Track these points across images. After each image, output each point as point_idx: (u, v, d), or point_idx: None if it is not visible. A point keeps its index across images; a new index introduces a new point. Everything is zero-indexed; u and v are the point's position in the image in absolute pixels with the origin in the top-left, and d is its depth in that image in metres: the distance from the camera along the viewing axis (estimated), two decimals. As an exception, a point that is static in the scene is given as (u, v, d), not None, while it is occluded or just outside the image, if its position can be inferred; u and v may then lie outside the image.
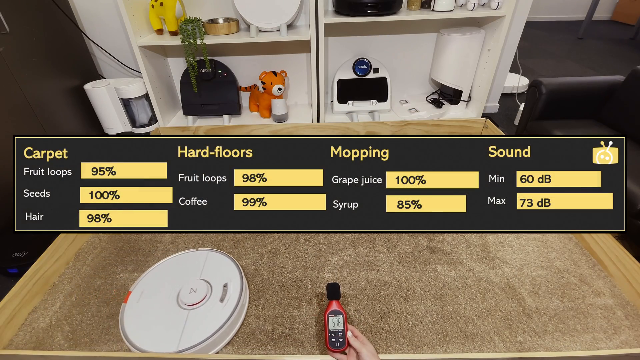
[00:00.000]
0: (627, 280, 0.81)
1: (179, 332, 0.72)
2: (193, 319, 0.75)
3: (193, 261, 0.88)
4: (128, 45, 1.87)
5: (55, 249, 0.92)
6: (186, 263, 0.88)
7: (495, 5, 1.52)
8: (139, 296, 0.80)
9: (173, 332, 0.72)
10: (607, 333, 0.74)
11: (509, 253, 0.94)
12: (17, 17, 1.39)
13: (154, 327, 0.74)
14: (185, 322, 0.74)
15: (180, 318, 0.75)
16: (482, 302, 0.81)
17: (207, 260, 0.88)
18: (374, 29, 1.81)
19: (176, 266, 0.87)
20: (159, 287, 0.82)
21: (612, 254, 0.86)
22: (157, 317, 0.76)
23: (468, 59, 1.69)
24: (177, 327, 0.73)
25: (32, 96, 1.45)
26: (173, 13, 1.54)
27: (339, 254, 0.95)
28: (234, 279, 0.82)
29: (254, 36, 1.56)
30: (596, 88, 1.52)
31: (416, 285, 0.86)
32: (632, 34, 3.91)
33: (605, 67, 3.07)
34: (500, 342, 0.73)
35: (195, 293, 0.78)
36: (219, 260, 0.88)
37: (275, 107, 1.76)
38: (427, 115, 1.78)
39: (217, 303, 0.77)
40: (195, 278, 0.83)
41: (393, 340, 0.74)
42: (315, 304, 0.82)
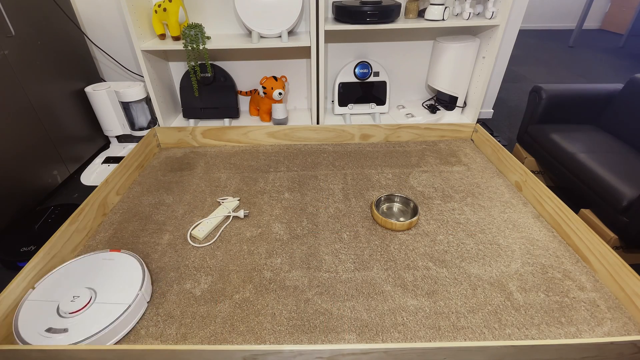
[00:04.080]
0: (609, 275, 0.86)
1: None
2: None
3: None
4: (130, 49, 1.90)
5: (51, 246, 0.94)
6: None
7: (490, 14, 1.58)
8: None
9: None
10: (591, 325, 0.78)
11: (497, 251, 0.98)
12: (22, 21, 1.42)
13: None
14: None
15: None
16: (473, 297, 0.85)
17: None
18: (373, 36, 1.86)
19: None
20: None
21: (596, 250, 0.90)
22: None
23: (463, 66, 1.75)
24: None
25: (35, 98, 1.48)
26: (176, 18, 1.58)
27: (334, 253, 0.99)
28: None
29: (255, 42, 1.60)
30: (595, 95, 1.58)
31: (409, 282, 0.89)
32: (621, 42, 4.01)
33: (596, 75, 3.15)
34: (490, 334, 0.77)
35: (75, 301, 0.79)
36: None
37: (275, 111, 1.80)
38: (423, 120, 1.83)
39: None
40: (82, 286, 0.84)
41: (388, 335, 0.78)
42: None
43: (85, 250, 1.02)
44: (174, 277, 0.92)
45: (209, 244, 1.03)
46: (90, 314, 0.78)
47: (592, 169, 1.29)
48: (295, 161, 1.43)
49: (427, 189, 1.25)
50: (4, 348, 0.69)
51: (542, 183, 1.12)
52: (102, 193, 1.14)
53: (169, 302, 0.86)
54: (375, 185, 1.27)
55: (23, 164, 1.42)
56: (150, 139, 1.49)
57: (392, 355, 0.69)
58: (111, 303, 0.80)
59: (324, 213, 1.14)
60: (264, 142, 1.55)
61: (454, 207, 1.16)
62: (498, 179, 1.29)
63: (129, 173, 1.30)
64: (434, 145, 1.53)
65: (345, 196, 1.22)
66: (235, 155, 1.48)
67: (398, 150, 1.49)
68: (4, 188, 1.34)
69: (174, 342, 0.77)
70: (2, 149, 1.33)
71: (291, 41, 1.61)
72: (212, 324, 0.81)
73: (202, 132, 1.52)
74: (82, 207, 1.05)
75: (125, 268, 0.89)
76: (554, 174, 1.48)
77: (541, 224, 1.08)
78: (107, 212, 1.16)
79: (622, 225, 1.15)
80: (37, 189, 1.50)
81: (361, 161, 1.42)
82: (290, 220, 1.11)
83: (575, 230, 0.97)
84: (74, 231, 1.00)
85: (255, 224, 1.10)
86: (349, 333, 0.78)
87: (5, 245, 1.25)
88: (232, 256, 0.99)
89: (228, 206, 1.15)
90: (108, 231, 1.08)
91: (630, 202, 1.13)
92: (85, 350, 0.68)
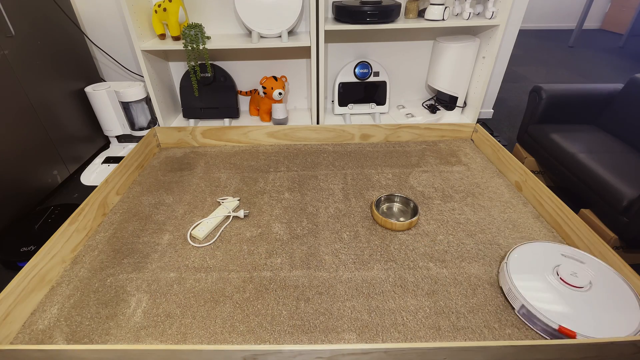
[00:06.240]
0: (609, 277, 0.86)
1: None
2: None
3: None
4: (130, 49, 1.91)
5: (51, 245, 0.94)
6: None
7: (490, 14, 1.58)
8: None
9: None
10: (591, 326, 0.78)
11: (497, 251, 0.98)
12: (22, 21, 1.42)
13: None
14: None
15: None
16: (473, 297, 0.85)
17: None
18: (373, 36, 1.86)
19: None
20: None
21: (596, 250, 0.90)
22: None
23: (463, 66, 1.75)
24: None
25: (35, 98, 1.48)
26: (176, 18, 1.58)
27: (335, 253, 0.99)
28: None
29: (255, 42, 1.60)
30: (595, 95, 1.58)
31: (409, 282, 0.89)
32: (621, 42, 4.01)
33: (596, 75, 3.15)
34: (490, 334, 0.77)
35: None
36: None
37: (275, 111, 1.80)
38: (423, 120, 1.83)
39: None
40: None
41: (388, 335, 0.78)
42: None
43: (85, 249, 1.02)
44: (174, 277, 0.92)
45: (209, 244, 1.03)
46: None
47: (592, 169, 1.29)
48: (295, 161, 1.43)
49: (427, 189, 1.25)
50: (4, 348, 0.69)
51: (542, 183, 1.12)
52: (102, 193, 1.14)
53: (169, 302, 0.86)
54: (375, 185, 1.27)
55: (23, 163, 1.42)
56: (150, 139, 1.49)
57: (392, 355, 0.69)
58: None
59: (324, 213, 1.14)
60: (264, 142, 1.55)
61: (454, 207, 1.16)
62: (498, 179, 1.29)
63: (129, 173, 1.30)
64: (434, 145, 1.53)
65: (345, 196, 1.22)
66: (235, 155, 1.48)
67: (398, 150, 1.49)
68: (4, 188, 1.34)
69: (174, 342, 0.77)
70: (2, 149, 1.33)
71: (291, 41, 1.61)
72: (212, 324, 0.81)
73: (202, 132, 1.52)
74: (82, 207, 1.05)
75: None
76: (554, 174, 1.48)
77: (541, 224, 1.08)
78: (107, 212, 1.16)
79: (622, 225, 1.15)
80: (37, 189, 1.50)
81: (361, 161, 1.42)
82: (290, 220, 1.11)
83: (575, 230, 0.97)
84: (74, 231, 1.00)
85: (255, 224, 1.10)
86: (349, 333, 0.78)
87: (5, 245, 1.26)
88: (232, 256, 0.99)
89: (228, 206, 1.15)
90: (108, 231, 1.08)
91: (630, 202, 1.13)
92: (86, 350, 0.68)
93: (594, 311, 0.74)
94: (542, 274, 0.83)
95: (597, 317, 0.73)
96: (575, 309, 0.75)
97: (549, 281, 0.81)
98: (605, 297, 0.77)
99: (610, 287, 0.79)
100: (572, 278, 0.80)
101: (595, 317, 0.73)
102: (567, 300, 0.76)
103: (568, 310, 0.74)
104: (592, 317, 0.73)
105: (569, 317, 0.73)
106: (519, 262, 0.86)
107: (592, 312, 0.74)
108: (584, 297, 0.77)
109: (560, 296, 0.77)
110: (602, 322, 0.72)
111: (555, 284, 0.80)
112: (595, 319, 0.73)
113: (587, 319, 0.73)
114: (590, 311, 0.74)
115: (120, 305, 0.85)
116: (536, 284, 0.80)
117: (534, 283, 0.80)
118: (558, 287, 0.79)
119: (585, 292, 0.78)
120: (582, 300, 0.76)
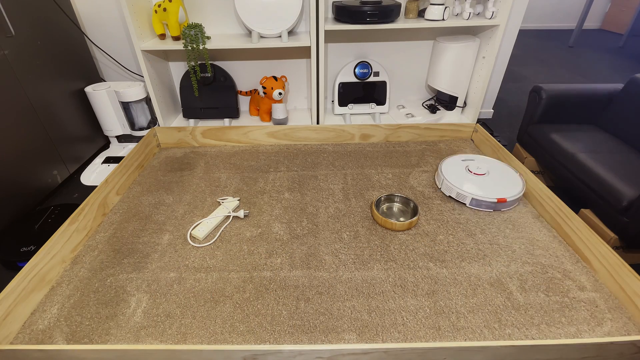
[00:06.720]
0: (609, 275, 0.86)
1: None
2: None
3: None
4: (130, 49, 1.91)
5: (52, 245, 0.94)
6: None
7: (490, 14, 1.58)
8: None
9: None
10: (591, 325, 0.78)
11: (497, 251, 0.98)
12: (22, 21, 1.42)
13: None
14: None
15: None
16: (473, 297, 0.85)
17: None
18: (373, 36, 1.86)
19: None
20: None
21: (596, 250, 0.90)
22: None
23: (463, 66, 1.75)
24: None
25: (35, 98, 1.48)
26: (176, 18, 1.58)
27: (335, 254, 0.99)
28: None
29: (255, 42, 1.60)
30: (595, 95, 1.58)
31: (409, 282, 0.89)
32: (621, 42, 4.01)
33: (596, 75, 3.15)
34: (490, 334, 0.77)
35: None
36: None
37: (275, 111, 1.80)
38: (423, 120, 1.83)
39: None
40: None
41: (388, 335, 0.78)
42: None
43: (85, 250, 1.02)
44: (174, 277, 0.92)
45: (209, 244, 1.03)
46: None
47: (592, 169, 1.29)
48: (295, 161, 1.43)
49: (427, 189, 1.25)
50: (4, 348, 0.69)
51: (542, 183, 1.12)
52: (102, 193, 1.14)
53: (169, 302, 0.86)
54: (375, 185, 1.27)
55: (23, 164, 1.42)
56: (150, 139, 1.49)
57: (392, 355, 0.69)
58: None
59: (324, 213, 1.14)
60: (264, 142, 1.55)
61: (454, 207, 1.16)
62: (498, 179, 1.30)
63: (128, 173, 1.30)
64: (434, 145, 1.53)
65: (345, 196, 1.22)
66: (235, 155, 1.48)
67: (398, 150, 1.49)
68: (4, 188, 1.34)
69: (174, 342, 0.77)
70: (2, 149, 1.33)
71: (291, 41, 1.61)
72: (212, 324, 0.81)
73: (202, 132, 1.52)
74: (82, 207, 1.05)
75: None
76: (554, 174, 1.48)
77: (541, 224, 1.08)
78: (107, 212, 1.16)
79: (622, 225, 1.15)
80: (37, 189, 1.50)
81: (361, 161, 1.42)
82: (290, 220, 1.11)
83: (575, 230, 0.97)
84: (74, 231, 1.00)
85: (255, 224, 1.10)
86: (349, 333, 0.78)
87: (5, 245, 1.26)
88: (232, 256, 0.99)
89: (228, 206, 1.15)
90: (108, 231, 1.08)
91: (630, 202, 1.13)
92: (86, 350, 0.68)
93: (496, 186, 1.17)
94: (462, 174, 1.24)
95: (500, 187, 1.16)
96: (485, 187, 1.17)
97: (467, 177, 1.22)
98: (499, 177, 1.22)
99: (499, 171, 1.25)
100: (477, 170, 1.23)
101: (498, 188, 1.16)
102: (479, 184, 1.18)
103: (485, 188, 1.16)
104: (497, 188, 1.16)
105: (488, 191, 1.15)
106: (448, 172, 1.25)
107: (496, 186, 1.17)
108: (486, 179, 1.20)
109: (474, 183, 1.19)
110: (504, 189, 1.15)
111: (470, 176, 1.22)
112: (498, 188, 1.16)
113: (496, 190, 1.15)
114: (495, 186, 1.17)
115: (120, 305, 0.85)
116: (463, 181, 1.20)
117: (462, 181, 1.20)
118: (472, 178, 1.21)
119: (487, 176, 1.21)
120: (489, 180, 1.20)
